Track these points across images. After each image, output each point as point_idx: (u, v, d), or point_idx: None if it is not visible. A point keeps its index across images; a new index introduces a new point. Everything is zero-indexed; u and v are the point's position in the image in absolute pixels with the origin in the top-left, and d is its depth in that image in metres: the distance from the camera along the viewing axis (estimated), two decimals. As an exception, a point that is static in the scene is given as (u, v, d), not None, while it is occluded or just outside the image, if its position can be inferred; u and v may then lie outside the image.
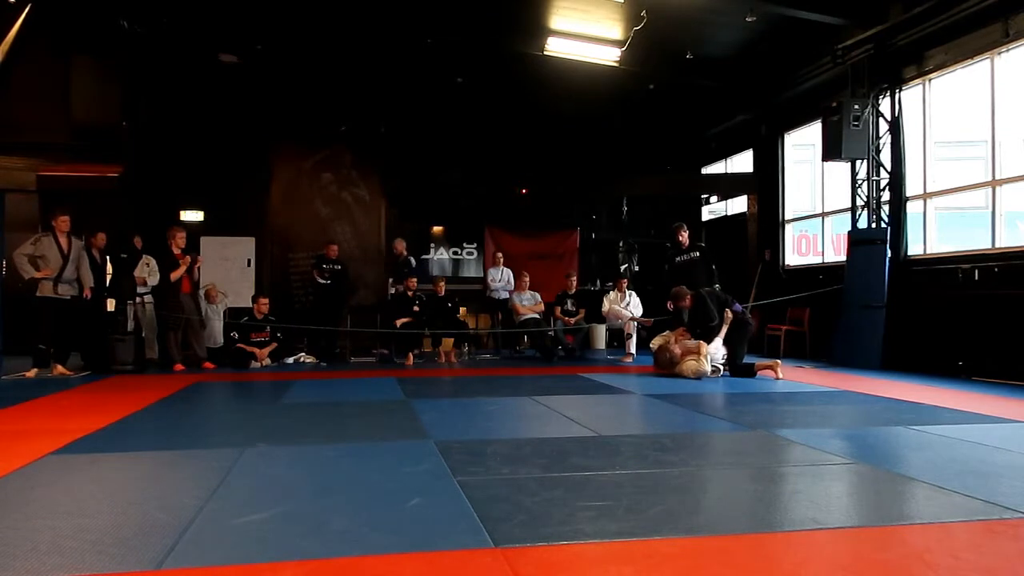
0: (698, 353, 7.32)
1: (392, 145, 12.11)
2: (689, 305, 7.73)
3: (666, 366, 7.53)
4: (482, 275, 12.48)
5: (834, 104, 8.65)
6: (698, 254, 8.65)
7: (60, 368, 7.68)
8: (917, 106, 8.41)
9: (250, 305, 9.43)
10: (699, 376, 7.24)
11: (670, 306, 8.69)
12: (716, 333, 7.45)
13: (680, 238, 8.71)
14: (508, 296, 10.57)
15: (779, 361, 7.64)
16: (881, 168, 8.76)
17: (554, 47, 10.18)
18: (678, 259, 8.76)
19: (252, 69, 10.86)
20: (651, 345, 8.20)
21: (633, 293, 10.28)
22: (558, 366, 8.94)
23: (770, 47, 9.85)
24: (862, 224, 8.95)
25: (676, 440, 4.15)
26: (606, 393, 6.43)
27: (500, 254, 11.19)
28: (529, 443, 4.04)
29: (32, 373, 7.47)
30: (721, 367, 7.59)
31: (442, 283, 10.06)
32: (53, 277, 7.55)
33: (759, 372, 7.45)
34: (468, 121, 12.16)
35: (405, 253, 10.56)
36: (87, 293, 7.83)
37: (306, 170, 12.01)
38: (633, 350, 9.72)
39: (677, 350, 7.46)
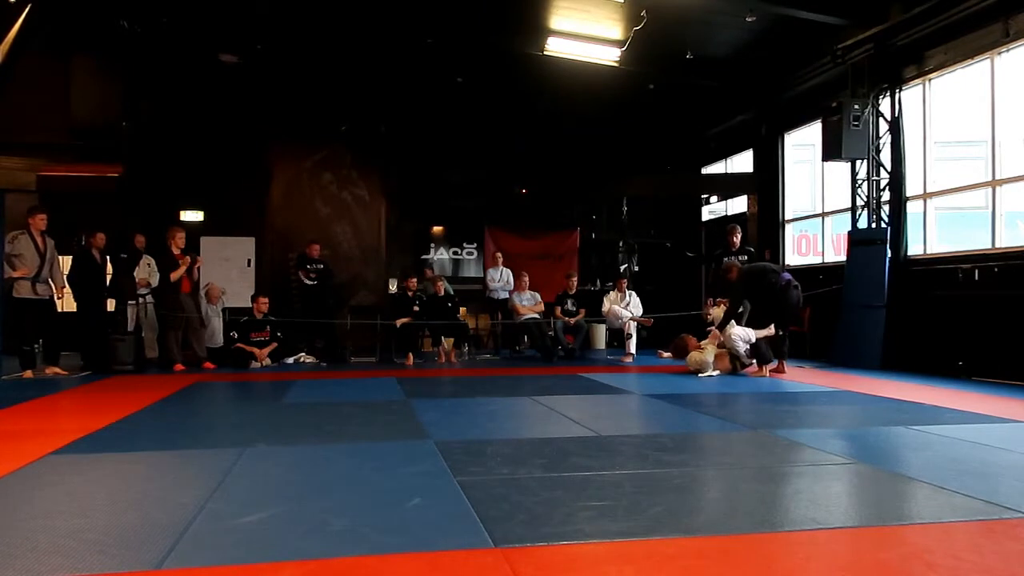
0: (707, 344, 7.33)
1: (392, 145, 12.11)
2: (732, 279, 7.60)
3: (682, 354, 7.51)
4: (482, 275, 12.48)
5: (834, 104, 8.64)
6: (746, 258, 8.59)
7: (54, 368, 7.67)
8: (917, 106, 8.41)
9: (250, 305, 9.43)
10: (701, 369, 7.25)
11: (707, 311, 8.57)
12: (731, 319, 7.40)
13: (732, 239, 8.66)
14: (508, 296, 10.57)
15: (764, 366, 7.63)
16: (881, 168, 8.76)
17: (554, 47, 10.18)
18: (725, 260, 8.70)
19: (252, 69, 10.86)
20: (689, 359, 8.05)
21: (633, 293, 10.27)
22: (558, 366, 8.94)
23: (770, 47, 9.85)
24: (862, 224, 8.95)
25: (676, 440, 4.15)
26: (606, 393, 6.43)
27: (499, 254, 11.19)
28: (529, 443, 4.04)
29: (29, 374, 7.46)
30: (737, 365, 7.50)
31: (442, 283, 10.05)
32: (31, 277, 7.47)
33: (752, 374, 7.44)
34: (468, 121, 12.16)
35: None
36: (59, 293, 7.79)
37: (306, 170, 12.02)
38: (633, 350, 9.72)
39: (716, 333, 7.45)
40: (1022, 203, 7.57)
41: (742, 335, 7.42)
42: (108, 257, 8.71)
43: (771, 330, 7.54)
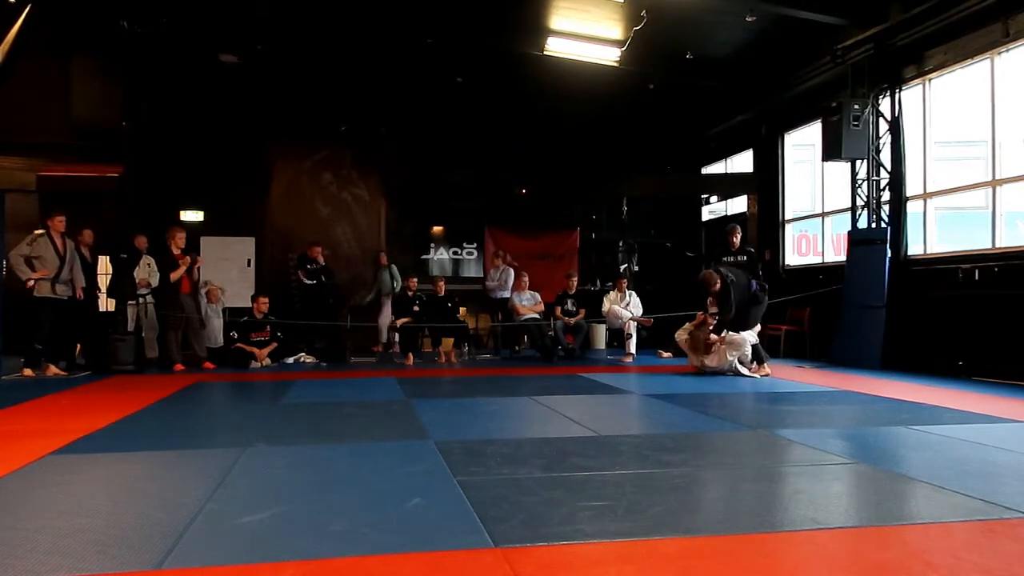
0: (727, 345, 7.38)
1: (392, 145, 12.11)
2: (718, 291, 7.57)
3: (700, 352, 7.52)
4: (482, 275, 12.48)
5: (834, 104, 8.64)
6: (746, 258, 8.52)
7: (53, 368, 7.68)
8: (917, 106, 8.41)
9: (250, 305, 9.42)
10: (723, 368, 7.36)
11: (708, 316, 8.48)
12: (727, 325, 7.44)
13: (732, 239, 8.60)
14: (508, 296, 10.56)
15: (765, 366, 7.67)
16: (881, 168, 8.76)
17: (554, 47, 10.18)
18: (726, 259, 8.65)
19: (252, 69, 10.86)
20: (676, 337, 8.11)
21: (633, 293, 10.26)
22: (558, 366, 8.94)
23: (770, 47, 9.85)
24: (862, 224, 8.95)
25: (676, 440, 4.15)
26: (606, 393, 6.43)
27: (502, 252, 11.18)
28: (529, 443, 4.04)
29: (29, 373, 7.46)
30: (746, 368, 7.52)
31: (442, 283, 10.05)
32: (51, 277, 7.53)
33: (754, 372, 7.47)
34: (468, 121, 12.17)
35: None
36: (79, 293, 7.82)
37: (306, 170, 12.04)
38: (633, 350, 9.71)
39: (715, 339, 7.46)
40: (1022, 203, 7.57)
41: (748, 337, 7.48)
42: (108, 257, 8.71)
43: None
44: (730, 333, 7.40)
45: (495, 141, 12.45)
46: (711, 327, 7.56)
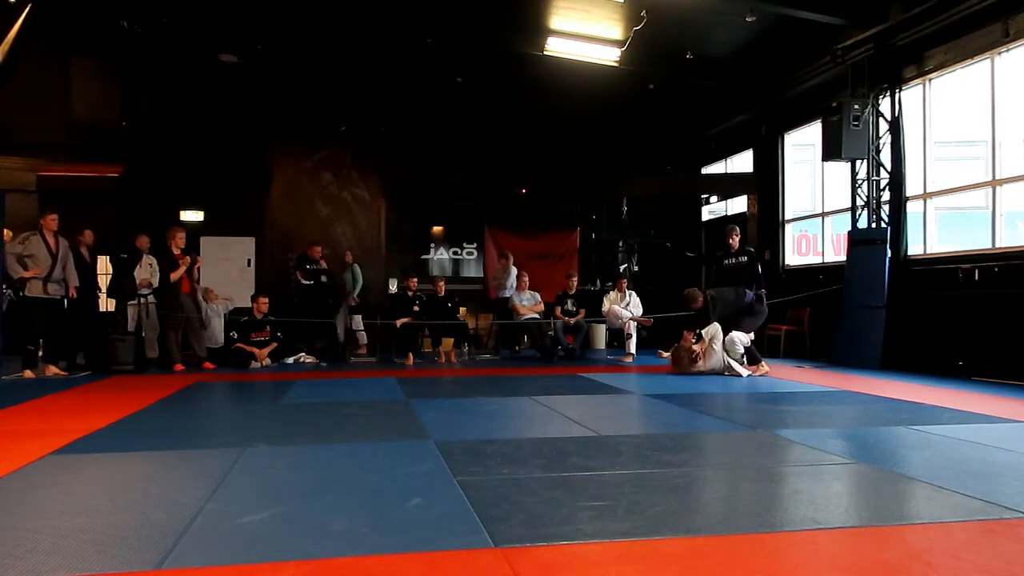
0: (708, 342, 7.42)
1: (392, 145, 12.11)
2: (700, 307, 7.64)
3: (686, 366, 7.56)
4: (482, 275, 12.48)
5: (834, 104, 8.64)
6: (746, 259, 8.47)
7: (53, 369, 7.67)
8: (917, 106, 8.41)
9: (250, 305, 9.42)
10: (717, 369, 7.39)
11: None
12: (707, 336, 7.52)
13: (731, 241, 8.55)
14: (508, 296, 10.56)
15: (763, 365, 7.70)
16: (881, 168, 8.76)
17: (554, 47, 10.18)
18: (726, 262, 8.55)
19: (252, 69, 10.86)
20: (670, 357, 8.19)
21: (633, 293, 10.26)
22: (558, 366, 8.94)
23: (770, 47, 9.85)
24: (862, 224, 8.95)
25: (676, 440, 4.15)
26: (606, 393, 6.43)
27: (504, 256, 11.17)
28: (529, 443, 4.04)
29: (29, 374, 7.45)
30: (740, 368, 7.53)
31: (442, 283, 10.04)
32: (43, 276, 7.50)
33: (753, 371, 7.48)
34: (468, 121, 12.17)
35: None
36: (72, 293, 7.81)
37: (306, 170, 12.04)
38: (633, 350, 9.71)
39: (697, 349, 7.48)
40: (1022, 203, 7.57)
41: (743, 339, 7.48)
42: (108, 257, 8.70)
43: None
44: (705, 330, 7.44)
45: (495, 141, 12.44)
46: (692, 340, 7.59)
